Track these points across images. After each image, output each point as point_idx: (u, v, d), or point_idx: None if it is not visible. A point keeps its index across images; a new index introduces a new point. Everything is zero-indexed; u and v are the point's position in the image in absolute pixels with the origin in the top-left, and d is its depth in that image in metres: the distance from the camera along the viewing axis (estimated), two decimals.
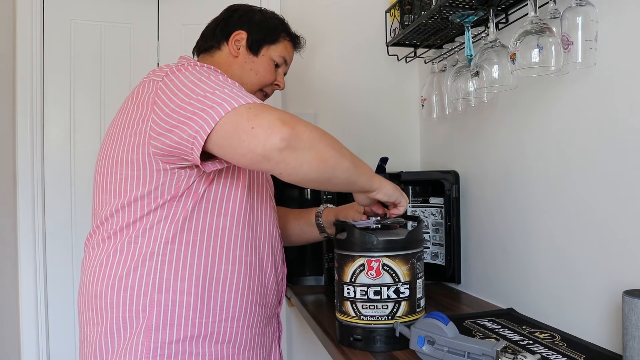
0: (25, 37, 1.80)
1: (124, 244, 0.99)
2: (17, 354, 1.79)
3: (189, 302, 0.99)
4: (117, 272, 0.98)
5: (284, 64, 1.24)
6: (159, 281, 0.98)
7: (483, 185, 1.51)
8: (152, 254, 0.98)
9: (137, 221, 0.98)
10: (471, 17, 1.31)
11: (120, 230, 0.99)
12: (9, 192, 1.79)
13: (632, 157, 0.99)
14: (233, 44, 1.18)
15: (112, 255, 0.99)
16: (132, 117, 0.98)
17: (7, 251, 1.77)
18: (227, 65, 1.17)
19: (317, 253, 1.62)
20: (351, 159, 0.97)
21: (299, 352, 1.96)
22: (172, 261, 0.98)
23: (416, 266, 1.04)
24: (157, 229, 0.98)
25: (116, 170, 0.99)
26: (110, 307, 0.98)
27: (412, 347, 0.96)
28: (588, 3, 1.01)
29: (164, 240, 0.98)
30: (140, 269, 0.97)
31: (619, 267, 1.02)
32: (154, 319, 0.97)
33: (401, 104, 2.03)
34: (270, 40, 1.20)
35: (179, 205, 0.99)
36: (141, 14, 1.94)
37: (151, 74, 1.02)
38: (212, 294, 1.01)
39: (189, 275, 0.99)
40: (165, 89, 0.94)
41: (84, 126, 1.90)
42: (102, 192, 1.03)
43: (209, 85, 0.91)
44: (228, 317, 1.03)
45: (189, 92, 0.91)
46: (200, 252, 1.00)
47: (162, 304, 0.97)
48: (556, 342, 1.08)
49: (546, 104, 1.23)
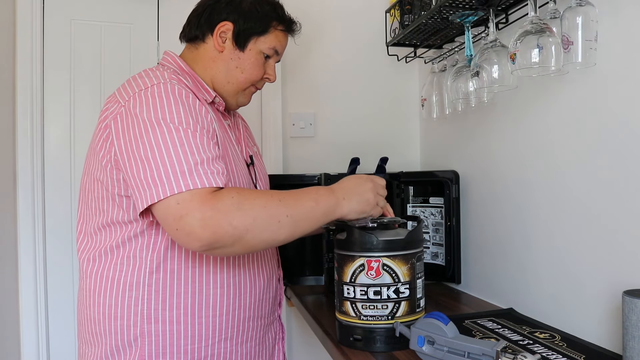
0: (25, 37, 1.80)
1: (110, 270, 0.98)
2: (17, 354, 1.79)
3: (179, 330, 0.98)
4: (106, 300, 0.98)
5: (274, 54, 1.15)
6: (147, 312, 0.97)
7: (483, 185, 1.51)
8: (137, 284, 0.97)
9: (121, 246, 0.98)
10: (471, 17, 1.30)
11: (106, 252, 0.99)
12: (9, 192, 1.79)
13: (632, 157, 0.99)
14: (218, 36, 1.09)
15: (102, 280, 0.99)
16: (101, 136, 0.97)
17: (7, 251, 1.77)
18: (212, 61, 1.10)
19: (317, 253, 1.62)
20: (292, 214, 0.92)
21: (299, 352, 1.96)
22: (158, 291, 0.97)
23: (416, 266, 1.04)
24: (141, 257, 0.97)
25: (94, 187, 1.00)
26: (104, 333, 0.99)
27: (412, 347, 0.96)
28: (588, 3, 1.01)
29: (148, 270, 0.97)
30: (128, 299, 0.97)
31: (619, 267, 1.02)
32: (146, 350, 0.97)
33: (401, 104, 2.03)
34: (259, 31, 1.10)
35: (158, 232, 0.97)
36: (141, 14, 1.94)
37: (123, 87, 1.00)
38: (203, 319, 1.00)
39: (177, 304, 0.98)
40: (124, 122, 0.92)
41: (83, 126, 1.89)
42: (85, 206, 1.03)
43: (159, 150, 0.87)
44: (221, 339, 1.02)
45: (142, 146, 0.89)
46: (187, 280, 0.99)
47: (152, 335, 0.97)
48: (556, 342, 1.08)
49: (546, 104, 1.23)
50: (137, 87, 0.96)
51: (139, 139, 0.89)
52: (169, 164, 0.86)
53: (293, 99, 1.95)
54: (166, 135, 0.88)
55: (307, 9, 1.94)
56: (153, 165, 0.87)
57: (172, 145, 0.88)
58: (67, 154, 1.88)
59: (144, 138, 0.89)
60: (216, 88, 1.11)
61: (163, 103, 0.92)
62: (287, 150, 1.94)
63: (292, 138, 1.95)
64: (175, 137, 0.88)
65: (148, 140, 0.88)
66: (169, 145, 0.88)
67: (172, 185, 0.85)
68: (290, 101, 1.95)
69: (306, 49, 1.96)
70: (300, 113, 1.96)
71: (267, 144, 1.92)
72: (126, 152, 0.90)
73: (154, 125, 0.89)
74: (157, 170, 0.86)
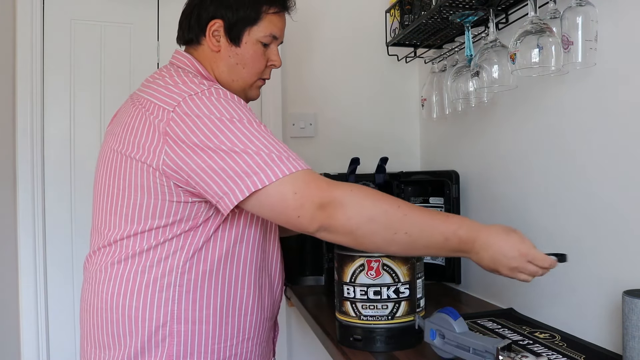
0: (25, 37, 1.80)
1: (139, 272, 0.96)
2: (17, 354, 1.79)
3: (208, 330, 0.98)
4: (132, 302, 0.95)
5: (273, 40, 1.08)
6: (177, 312, 0.96)
7: (483, 185, 1.51)
8: (168, 284, 0.96)
9: (152, 249, 0.96)
10: (471, 17, 1.30)
11: (134, 255, 0.96)
12: (9, 192, 1.79)
13: (632, 157, 0.99)
14: (211, 37, 1.05)
15: (130, 281, 0.96)
16: (139, 141, 0.92)
17: (7, 251, 1.77)
18: (213, 63, 1.07)
19: (317, 253, 1.62)
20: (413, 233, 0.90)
21: (299, 352, 1.96)
22: (189, 291, 0.97)
23: (416, 266, 1.04)
24: (173, 259, 0.96)
25: (126, 193, 0.95)
26: (130, 335, 0.96)
27: (426, 339, 0.99)
28: (588, 3, 1.01)
29: (180, 271, 0.96)
30: (158, 300, 0.95)
31: (619, 267, 1.02)
32: (174, 350, 0.96)
33: (401, 104, 2.03)
34: (250, 21, 1.04)
35: (196, 235, 0.96)
36: (141, 14, 1.94)
37: (157, 92, 0.95)
38: (230, 319, 1.00)
39: (207, 305, 0.98)
40: (182, 124, 0.89)
41: (84, 126, 1.89)
42: (109, 213, 0.98)
43: (245, 137, 0.88)
44: (244, 338, 1.03)
45: (217, 140, 0.87)
46: (217, 281, 0.99)
47: (181, 334, 0.96)
48: (556, 342, 1.08)
49: (546, 104, 1.23)
50: (182, 91, 0.93)
51: (216, 133, 0.88)
52: (263, 150, 0.87)
53: (293, 99, 1.95)
54: (242, 128, 0.88)
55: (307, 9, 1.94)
56: (244, 154, 0.87)
57: (253, 136, 0.88)
58: (67, 154, 1.88)
59: (222, 132, 0.88)
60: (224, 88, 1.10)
61: (222, 103, 0.91)
62: None
63: (292, 138, 1.95)
64: (251, 129, 0.89)
65: (225, 135, 0.88)
66: (250, 136, 0.88)
67: (277, 168, 0.86)
68: (290, 101, 1.95)
69: (306, 49, 1.96)
70: (300, 113, 1.96)
71: None
72: (201, 151, 0.88)
73: (225, 121, 0.89)
74: (250, 158, 0.86)
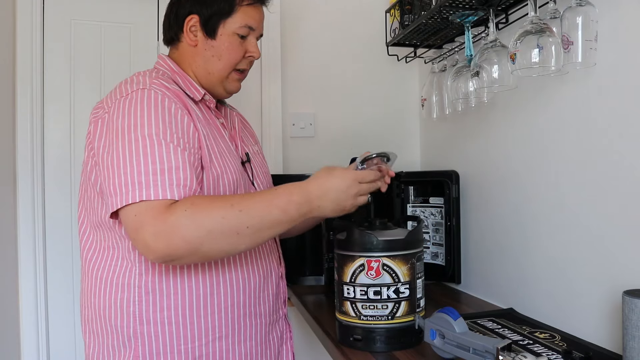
0: (25, 37, 1.80)
1: (105, 270, 1.00)
2: (17, 354, 1.79)
3: (172, 331, 0.98)
4: (101, 300, 1.00)
5: (250, 31, 1.10)
6: (138, 313, 0.97)
7: (483, 185, 1.51)
8: (128, 285, 0.98)
9: (112, 246, 1.00)
10: (471, 17, 1.30)
11: (105, 248, 1.01)
12: (9, 192, 1.79)
13: (632, 157, 0.99)
14: (189, 32, 1.08)
15: (98, 279, 1.01)
16: (87, 137, 1.03)
17: (7, 251, 1.77)
18: (191, 58, 1.10)
19: (317, 253, 1.62)
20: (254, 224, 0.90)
21: (299, 352, 1.95)
22: (148, 292, 0.97)
23: (416, 266, 1.04)
24: (129, 259, 0.98)
25: (86, 186, 1.03)
26: (103, 331, 1.00)
27: (426, 339, 0.99)
28: (588, 3, 1.01)
29: (137, 272, 0.97)
30: (120, 300, 0.98)
31: (619, 267, 1.02)
32: (140, 352, 0.97)
33: (401, 104, 2.03)
34: (224, 14, 1.07)
35: None
36: (141, 14, 1.94)
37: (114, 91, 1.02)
38: (195, 319, 0.99)
39: (167, 306, 0.98)
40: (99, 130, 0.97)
41: (84, 126, 1.86)
42: (84, 202, 1.05)
43: (124, 159, 0.90)
44: (215, 337, 1.01)
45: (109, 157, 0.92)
46: (175, 281, 0.98)
47: (145, 336, 0.97)
48: (556, 342, 1.08)
49: (546, 104, 1.23)
50: (119, 94, 0.99)
51: (112, 147, 0.92)
52: (129, 173, 0.89)
53: (293, 99, 1.95)
54: (132, 145, 0.91)
55: (307, 9, 1.94)
56: (116, 174, 0.90)
57: (136, 155, 0.90)
58: (67, 153, 1.88)
59: (113, 147, 0.92)
60: (201, 83, 1.11)
61: (137, 112, 0.94)
62: (287, 150, 1.95)
63: (292, 138, 1.95)
64: (140, 147, 0.90)
65: (116, 150, 0.91)
66: (133, 154, 0.90)
67: (128, 194, 0.87)
68: (290, 101, 1.95)
69: (306, 49, 1.96)
70: (300, 113, 1.96)
71: (267, 144, 1.92)
72: (101, 158, 0.95)
73: (124, 135, 0.92)
74: (118, 179, 0.89)
